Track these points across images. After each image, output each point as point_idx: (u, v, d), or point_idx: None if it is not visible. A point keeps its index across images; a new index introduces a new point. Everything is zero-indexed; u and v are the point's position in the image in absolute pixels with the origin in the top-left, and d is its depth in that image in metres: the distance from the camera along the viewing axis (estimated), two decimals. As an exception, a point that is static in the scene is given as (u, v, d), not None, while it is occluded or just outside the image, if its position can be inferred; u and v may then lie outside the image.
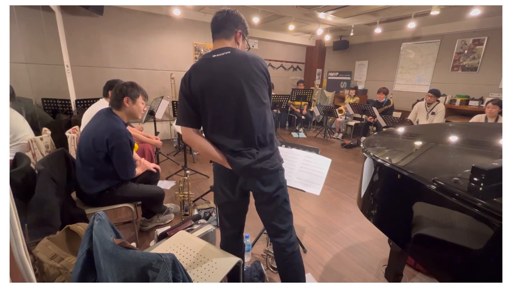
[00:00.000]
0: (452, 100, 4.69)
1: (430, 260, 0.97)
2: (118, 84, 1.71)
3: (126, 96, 1.65)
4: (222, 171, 1.20)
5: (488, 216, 0.72)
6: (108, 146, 1.57)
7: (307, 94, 5.62)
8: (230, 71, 1.07)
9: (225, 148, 1.13)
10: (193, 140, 1.14)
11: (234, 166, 1.12)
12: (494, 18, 4.12)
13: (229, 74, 1.07)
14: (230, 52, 1.10)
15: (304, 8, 4.25)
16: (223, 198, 1.26)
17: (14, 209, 0.84)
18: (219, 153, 1.14)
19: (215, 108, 1.10)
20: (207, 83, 1.08)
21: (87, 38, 3.92)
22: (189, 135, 1.14)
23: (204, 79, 1.08)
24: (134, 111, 1.72)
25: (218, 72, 1.07)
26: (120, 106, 1.67)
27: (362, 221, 2.35)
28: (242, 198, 1.26)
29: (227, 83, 1.07)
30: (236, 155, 1.11)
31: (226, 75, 1.07)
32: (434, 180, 0.87)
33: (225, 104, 1.08)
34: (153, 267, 0.74)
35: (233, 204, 1.27)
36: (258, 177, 1.14)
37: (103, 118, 1.66)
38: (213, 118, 1.11)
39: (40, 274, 1.13)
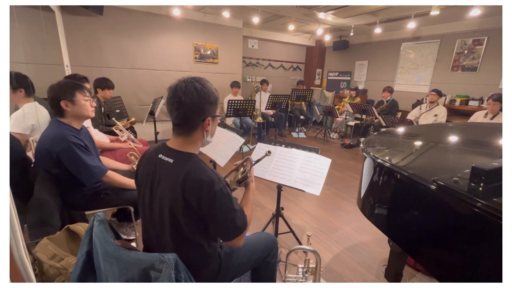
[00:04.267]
0: (452, 100, 4.69)
1: (430, 260, 0.97)
2: (48, 88, 1.47)
3: (61, 100, 1.44)
4: None
5: (488, 216, 0.72)
6: (52, 156, 1.40)
7: (307, 94, 5.62)
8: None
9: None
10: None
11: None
12: (494, 18, 4.12)
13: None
14: (175, 161, 0.92)
15: (304, 8, 4.25)
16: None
17: (14, 209, 0.84)
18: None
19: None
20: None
21: (87, 38, 3.91)
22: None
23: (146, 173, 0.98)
24: (78, 112, 1.50)
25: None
26: (61, 112, 1.47)
27: (362, 221, 2.34)
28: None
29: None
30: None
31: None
32: (434, 180, 0.87)
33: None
34: (156, 268, 0.74)
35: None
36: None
37: (46, 130, 1.49)
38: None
39: (40, 274, 1.13)
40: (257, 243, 1.23)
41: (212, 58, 5.14)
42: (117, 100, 3.58)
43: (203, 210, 0.88)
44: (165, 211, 0.91)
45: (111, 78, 4.13)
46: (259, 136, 5.06)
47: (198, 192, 0.86)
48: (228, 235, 0.95)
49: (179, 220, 0.90)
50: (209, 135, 0.99)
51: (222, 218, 0.90)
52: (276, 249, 1.28)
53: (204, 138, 0.98)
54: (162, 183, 0.92)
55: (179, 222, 0.90)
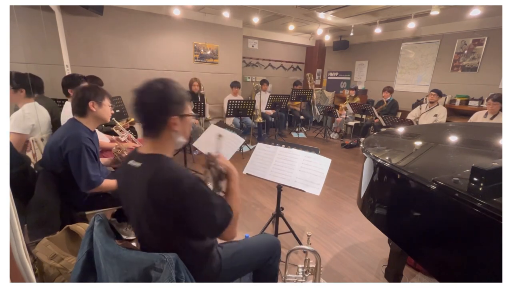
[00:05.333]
0: (452, 100, 4.69)
1: (430, 260, 0.97)
2: (78, 88, 1.55)
3: (91, 100, 1.52)
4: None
5: (488, 216, 0.72)
6: (62, 154, 1.44)
7: (306, 94, 5.62)
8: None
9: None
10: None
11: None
12: (494, 18, 4.12)
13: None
14: (142, 165, 0.89)
15: (304, 8, 4.25)
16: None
17: (14, 209, 0.84)
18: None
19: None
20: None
21: (87, 38, 3.91)
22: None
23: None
24: (101, 115, 1.58)
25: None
26: (84, 112, 1.53)
27: (362, 221, 2.34)
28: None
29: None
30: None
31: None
32: (434, 180, 0.87)
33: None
34: (156, 267, 0.74)
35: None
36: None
37: (62, 127, 1.56)
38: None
39: (40, 274, 1.13)
40: (260, 245, 1.22)
41: (212, 58, 5.14)
42: (117, 100, 3.58)
43: (177, 211, 0.83)
44: (142, 218, 0.88)
45: (110, 78, 4.16)
46: (259, 136, 5.06)
47: (166, 192, 0.81)
48: (211, 232, 0.92)
49: (158, 225, 0.86)
50: (181, 135, 0.95)
51: (199, 215, 0.85)
52: (279, 252, 1.26)
53: (174, 139, 0.94)
54: (133, 190, 0.89)
55: (158, 227, 0.87)
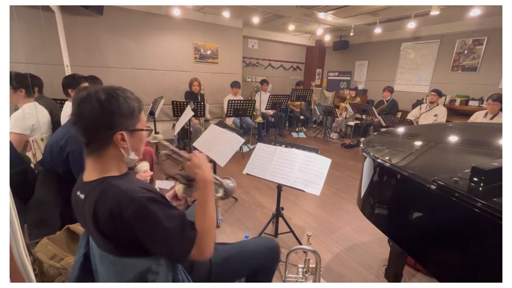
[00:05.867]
0: (452, 100, 4.69)
1: (430, 260, 0.97)
2: (79, 88, 1.58)
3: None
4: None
5: (488, 216, 0.72)
6: (63, 154, 1.43)
7: (306, 94, 5.62)
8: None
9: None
10: None
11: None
12: (494, 18, 4.12)
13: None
14: (83, 198, 0.78)
15: (304, 8, 4.25)
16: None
17: (14, 209, 0.84)
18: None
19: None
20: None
21: (87, 38, 3.91)
22: None
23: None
24: None
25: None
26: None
27: (362, 221, 2.34)
28: None
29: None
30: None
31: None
32: (434, 180, 0.87)
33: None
34: (153, 270, 0.74)
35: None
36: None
37: (62, 127, 1.56)
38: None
39: (40, 274, 1.13)
40: (256, 249, 1.15)
41: (212, 58, 5.15)
42: (117, 100, 3.57)
43: (131, 241, 0.72)
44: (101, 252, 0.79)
45: (110, 78, 4.16)
46: (259, 136, 5.06)
47: (111, 225, 0.71)
48: (173, 258, 0.79)
49: (119, 255, 0.76)
50: (130, 152, 0.80)
51: (153, 243, 0.73)
52: (278, 256, 1.20)
53: (123, 157, 0.80)
54: (85, 224, 0.80)
55: (120, 256, 0.76)
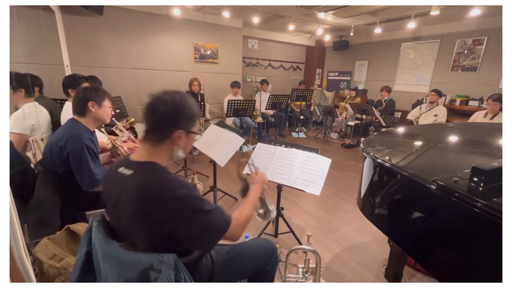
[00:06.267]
0: (452, 100, 4.69)
1: (430, 260, 0.97)
2: (79, 88, 1.56)
3: (91, 100, 1.52)
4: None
5: (488, 216, 0.72)
6: (63, 154, 1.44)
7: (307, 94, 5.62)
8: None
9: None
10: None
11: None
12: (494, 18, 4.12)
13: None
14: (131, 174, 0.85)
15: (304, 8, 4.25)
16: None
17: (14, 209, 0.84)
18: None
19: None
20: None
21: (87, 38, 3.91)
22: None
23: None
24: (101, 115, 1.59)
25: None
26: (84, 112, 1.54)
27: (362, 221, 2.34)
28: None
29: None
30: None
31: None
32: (434, 180, 0.87)
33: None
34: (155, 268, 0.74)
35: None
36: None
37: (62, 127, 1.57)
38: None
39: (40, 274, 1.13)
40: (256, 251, 1.18)
41: (212, 58, 5.15)
42: (117, 100, 3.58)
43: (167, 222, 0.79)
44: (128, 227, 0.84)
45: (111, 78, 4.16)
46: (259, 136, 5.06)
47: (157, 203, 0.78)
48: (206, 242, 0.86)
49: (143, 236, 0.82)
50: (181, 149, 0.92)
51: (192, 224, 0.81)
52: (276, 259, 1.23)
53: (173, 152, 0.91)
54: (120, 198, 0.84)
55: (144, 238, 0.82)
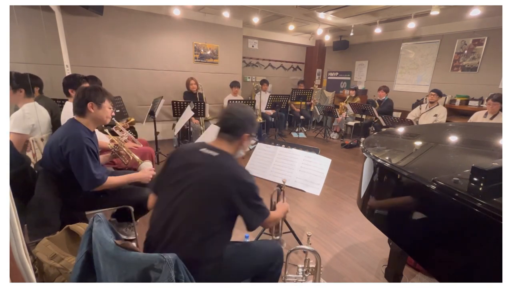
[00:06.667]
0: (452, 100, 4.69)
1: (429, 260, 0.97)
2: (80, 88, 1.56)
3: (90, 101, 1.52)
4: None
5: (488, 216, 0.72)
6: (63, 154, 1.44)
7: (307, 94, 5.62)
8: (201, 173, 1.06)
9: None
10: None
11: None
12: (494, 18, 4.12)
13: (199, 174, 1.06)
14: (217, 155, 1.10)
15: (304, 8, 4.25)
16: None
17: (14, 209, 0.84)
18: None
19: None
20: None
21: (87, 38, 3.91)
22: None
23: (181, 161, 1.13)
24: (100, 116, 1.58)
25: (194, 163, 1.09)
26: (83, 112, 1.54)
27: (362, 221, 2.34)
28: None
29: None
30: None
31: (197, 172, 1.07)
32: (434, 180, 0.87)
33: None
34: (155, 268, 0.74)
35: None
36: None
37: (62, 127, 1.57)
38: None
39: (40, 274, 1.13)
40: (260, 250, 1.21)
41: (212, 58, 5.14)
42: (117, 100, 3.57)
43: (233, 198, 1.02)
44: (203, 207, 1.02)
45: (111, 78, 4.16)
46: (259, 136, 5.06)
47: (237, 190, 1.02)
48: (255, 223, 1.10)
49: (204, 206, 1.02)
50: (242, 149, 1.22)
51: (250, 208, 1.06)
52: (281, 260, 1.24)
53: (238, 150, 1.20)
54: (200, 171, 1.05)
55: (202, 208, 1.02)
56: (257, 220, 1.10)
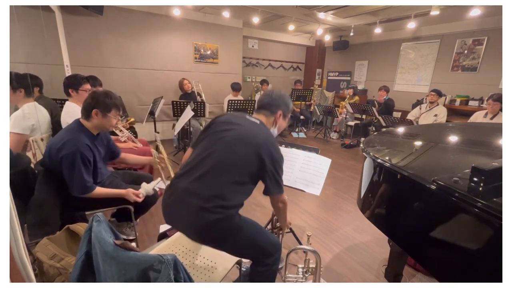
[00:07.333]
0: (452, 100, 4.69)
1: (430, 260, 0.97)
2: (92, 93, 1.58)
3: (96, 108, 1.53)
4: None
5: (488, 216, 0.72)
6: (58, 155, 1.44)
7: (307, 94, 5.62)
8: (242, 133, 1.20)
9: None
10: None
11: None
12: (494, 18, 4.12)
13: (238, 135, 1.19)
14: (258, 123, 1.28)
15: (304, 8, 4.25)
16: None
17: (14, 209, 0.84)
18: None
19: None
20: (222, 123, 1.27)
21: (87, 38, 3.91)
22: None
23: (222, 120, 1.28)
24: (103, 125, 1.59)
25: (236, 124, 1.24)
26: (88, 117, 1.56)
27: (362, 221, 2.34)
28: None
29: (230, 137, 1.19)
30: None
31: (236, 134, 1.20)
32: (434, 180, 0.87)
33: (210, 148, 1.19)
34: (155, 268, 0.74)
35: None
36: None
37: (65, 129, 1.58)
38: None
39: (40, 274, 1.13)
40: (265, 234, 1.24)
41: (212, 58, 5.15)
42: (117, 100, 3.56)
43: (264, 166, 1.14)
44: (239, 155, 1.14)
45: (111, 78, 4.16)
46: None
47: (268, 153, 1.15)
48: (274, 190, 1.21)
49: (237, 155, 1.13)
50: (277, 127, 1.37)
51: (273, 176, 1.18)
52: (279, 255, 1.25)
53: (272, 126, 1.34)
54: (241, 128, 1.21)
55: (235, 156, 1.14)
56: (275, 188, 1.20)
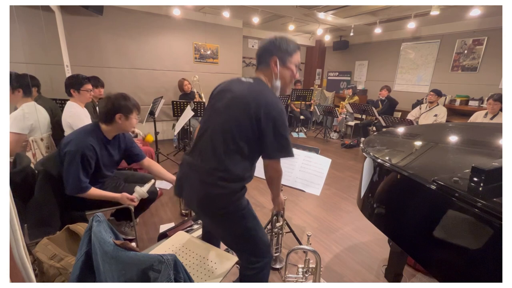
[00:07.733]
0: (452, 100, 4.69)
1: (430, 260, 0.97)
2: (109, 98, 1.58)
3: (119, 113, 1.55)
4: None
5: (488, 216, 0.72)
6: (62, 151, 1.49)
7: (307, 94, 5.62)
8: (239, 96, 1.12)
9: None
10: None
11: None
12: (494, 18, 4.12)
13: (236, 98, 1.11)
14: (252, 81, 1.17)
15: (304, 8, 4.25)
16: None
17: (14, 209, 0.84)
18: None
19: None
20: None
21: (87, 38, 3.91)
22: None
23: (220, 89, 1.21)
24: (126, 127, 1.62)
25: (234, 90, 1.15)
26: (110, 121, 1.57)
27: (362, 221, 2.34)
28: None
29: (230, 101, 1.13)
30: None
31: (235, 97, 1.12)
32: (434, 180, 0.87)
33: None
34: (155, 268, 0.74)
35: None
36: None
37: (81, 128, 1.60)
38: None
39: (40, 274, 1.13)
40: (263, 232, 1.21)
41: (212, 58, 5.15)
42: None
43: (259, 124, 1.04)
44: (230, 121, 1.07)
45: (111, 78, 4.17)
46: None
47: (261, 110, 1.04)
48: (272, 153, 1.10)
49: (227, 129, 1.06)
50: (278, 79, 1.17)
51: (272, 137, 1.06)
52: (269, 259, 1.24)
53: (273, 78, 1.17)
54: (232, 92, 1.12)
55: (225, 130, 1.06)
56: (275, 151, 1.09)
